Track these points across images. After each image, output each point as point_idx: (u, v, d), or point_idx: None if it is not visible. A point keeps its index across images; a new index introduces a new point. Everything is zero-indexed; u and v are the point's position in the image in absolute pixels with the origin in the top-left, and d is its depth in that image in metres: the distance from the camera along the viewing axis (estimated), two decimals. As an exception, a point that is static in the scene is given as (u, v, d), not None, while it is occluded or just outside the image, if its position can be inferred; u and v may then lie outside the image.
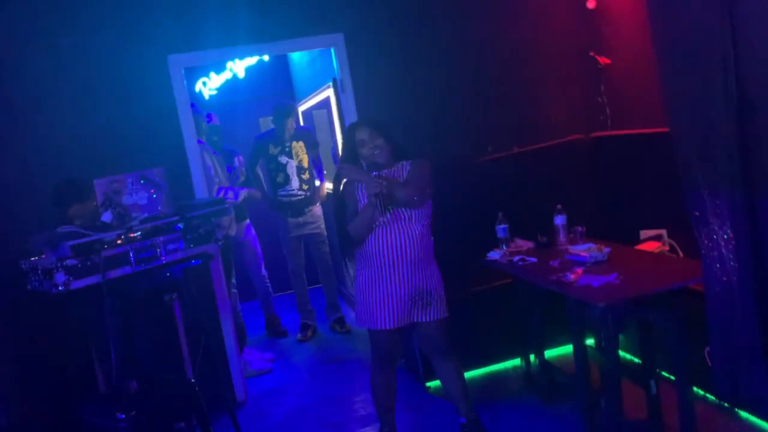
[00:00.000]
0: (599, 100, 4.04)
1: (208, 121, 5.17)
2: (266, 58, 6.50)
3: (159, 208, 2.84)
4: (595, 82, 4.02)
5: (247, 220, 5.27)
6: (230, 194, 4.31)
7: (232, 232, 4.68)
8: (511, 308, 3.69)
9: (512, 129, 4.07)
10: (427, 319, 2.85)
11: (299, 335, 5.14)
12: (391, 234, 2.77)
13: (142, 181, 2.75)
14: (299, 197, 5.06)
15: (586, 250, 3.02)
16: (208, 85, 6.50)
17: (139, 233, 2.94)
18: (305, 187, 5.09)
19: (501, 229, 3.50)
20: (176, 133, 3.76)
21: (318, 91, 5.41)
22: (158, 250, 2.91)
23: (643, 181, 3.71)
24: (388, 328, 2.82)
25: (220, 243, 3.14)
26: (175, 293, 3.20)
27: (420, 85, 3.93)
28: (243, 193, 4.44)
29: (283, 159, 5.05)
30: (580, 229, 3.33)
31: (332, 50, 3.97)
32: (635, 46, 3.64)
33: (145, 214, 2.81)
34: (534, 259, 3.20)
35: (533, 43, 4.09)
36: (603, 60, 3.92)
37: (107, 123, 3.60)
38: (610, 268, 2.81)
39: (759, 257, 2.08)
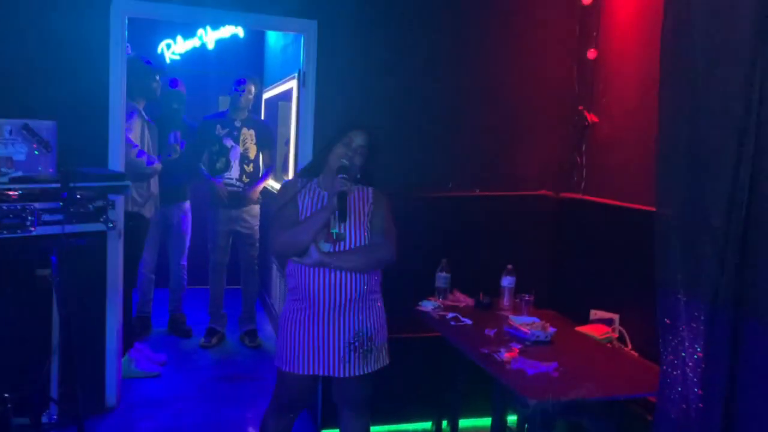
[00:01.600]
0: (578, 159, 3.68)
1: (172, 86, 4.67)
2: (241, 34, 6.04)
3: (39, 168, 2.33)
4: (578, 140, 3.67)
5: (187, 202, 4.78)
6: (143, 158, 3.82)
7: (149, 213, 4.17)
8: (434, 365, 3.27)
9: (479, 170, 3.68)
10: (365, 371, 2.38)
11: (203, 340, 4.62)
12: (331, 271, 2.30)
13: (24, 132, 2.24)
14: (236, 188, 4.57)
15: (529, 324, 2.63)
16: (172, 49, 5.97)
17: (19, 192, 2.43)
18: (246, 179, 4.60)
19: (441, 277, 3.09)
20: (102, 89, 3.24)
21: (283, 81, 4.95)
22: (30, 218, 2.40)
23: (605, 257, 3.35)
24: (310, 373, 2.36)
25: (111, 225, 2.63)
26: (48, 271, 2.71)
27: (389, 97, 3.51)
28: (155, 166, 3.93)
29: (228, 142, 4.57)
30: (527, 297, 2.94)
31: (302, 38, 3.53)
32: (630, 108, 3.30)
33: (19, 173, 2.30)
34: (469, 321, 2.79)
35: (521, 83, 3.71)
36: (591, 117, 3.57)
37: (19, 56, 3.06)
38: (551, 354, 2.42)
39: (731, 390, 1.71)
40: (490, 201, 3.68)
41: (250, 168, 4.62)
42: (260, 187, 4.65)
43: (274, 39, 5.78)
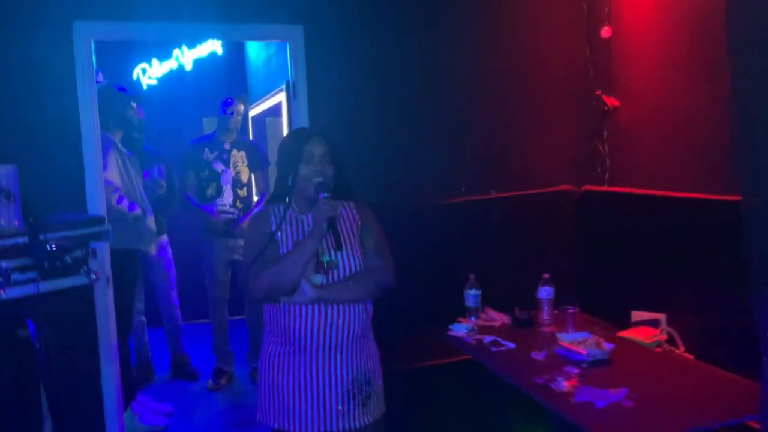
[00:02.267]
0: (599, 148, 3.38)
1: None
2: (219, 50, 5.72)
3: (2, 221, 2.00)
4: (598, 127, 3.37)
5: (165, 236, 4.41)
6: (124, 205, 3.45)
7: (153, 251, 3.85)
8: (472, 392, 2.95)
9: (493, 169, 3.38)
10: (366, 422, 2.04)
11: (210, 382, 4.27)
12: (327, 307, 1.97)
13: (-21, 182, 1.91)
14: (231, 215, 4.24)
15: (581, 342, 2.30)
16: (148, 73, 5.64)
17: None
18: (240, 205, 4.28)
19: (471, 296, 2.77)
20: (72, 123, 2.90)
21: (270, 95, 4.63)
22: (-3, 280, 2.07)
23: (641, 252, 3.04)
24: (302, 431, 2.03)
25: (94, 277, 2.30)
26: (28, 332, 2.39)
27: (389, 101, 3.20)
28: (136, 213, 3.55)
29: (219, 166, 4.25)
30: (571, 309, 2.61)
31: (288, 46, 3.22)
32: (654, 87, 3.00)
33: (-21, 229, 1.97)
34: (512, 345, 2.46)
35: (531, 70, 3.42)
36: (611, 102, 3.26)
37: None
38: (613, 376, 2.10)
39: None
40: (508, 202, 3.38)
41: (243, 192, 4.30)
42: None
43: (255, 52, 5.47)
